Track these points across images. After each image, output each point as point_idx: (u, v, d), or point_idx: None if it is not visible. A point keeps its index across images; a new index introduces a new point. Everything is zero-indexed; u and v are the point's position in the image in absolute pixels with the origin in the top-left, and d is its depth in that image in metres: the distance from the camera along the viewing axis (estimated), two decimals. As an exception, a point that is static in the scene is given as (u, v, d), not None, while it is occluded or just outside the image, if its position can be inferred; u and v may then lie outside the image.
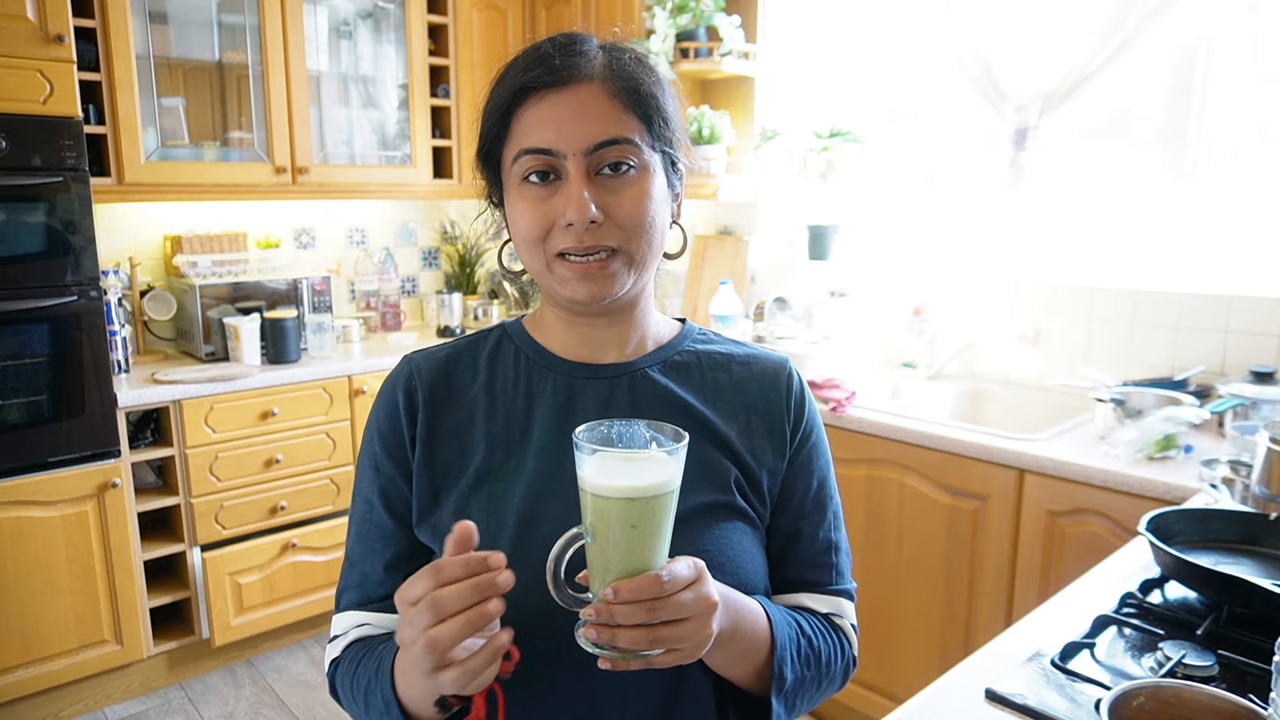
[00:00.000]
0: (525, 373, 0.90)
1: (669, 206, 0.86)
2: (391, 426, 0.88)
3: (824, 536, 0.92)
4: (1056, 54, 2.39)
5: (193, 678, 2.74)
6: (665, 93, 0.84)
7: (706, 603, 0.69)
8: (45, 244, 2.28)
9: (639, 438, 0.73)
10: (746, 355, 0.94)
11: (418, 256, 3.62)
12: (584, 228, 0.78)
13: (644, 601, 0.66)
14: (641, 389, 0.88)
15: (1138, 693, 0.76)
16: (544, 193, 0.80)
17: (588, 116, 0.79)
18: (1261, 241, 2.20)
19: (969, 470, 2.04)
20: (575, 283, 0.81)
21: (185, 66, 2.75)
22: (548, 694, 0.80)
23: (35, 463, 2.32)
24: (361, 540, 0.89)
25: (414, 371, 0.90)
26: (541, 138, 0.79)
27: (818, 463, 0.93)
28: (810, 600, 0.91)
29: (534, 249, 0.82)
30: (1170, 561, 1.14)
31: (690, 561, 0.70)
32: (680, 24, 2.88)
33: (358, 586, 0.89)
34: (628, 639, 0.67)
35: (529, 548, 0.78)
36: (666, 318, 0.96)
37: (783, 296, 2.81)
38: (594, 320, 0.88)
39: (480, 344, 0.93)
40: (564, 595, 0.69)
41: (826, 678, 0.88)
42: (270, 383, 2.67)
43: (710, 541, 0.83)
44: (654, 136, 0.82)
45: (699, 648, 0.70)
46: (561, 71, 0.79)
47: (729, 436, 0.88)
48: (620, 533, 0.67)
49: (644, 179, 0.81)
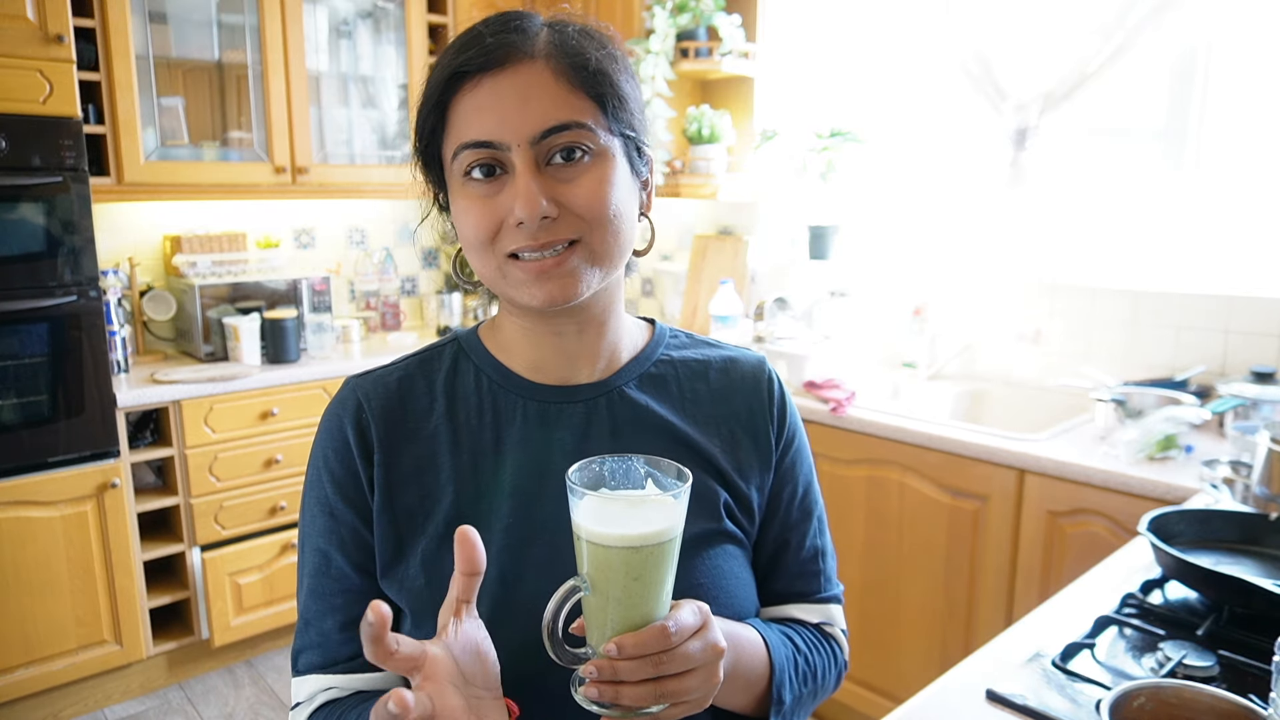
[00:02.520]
0: (490, 398, 0.81)
1: (636, 196, 0.77)
2: (344, 468, 0.79)
3: (810, 544, 0.89)
4: (1057, 53, 2.39)
5: (192, 678, 2.73)
6: (620, 69, 0.75)
7: (714, 651, 0.65)
8: (45, 244, 2.28)
9: (635, 475, 0.67)
10: (723, 360, 0.88)
11: (417, 256, 3.62)
12: (535, 225, 0.70)
13: (650, 655, 0.61)
14: (620, 411, 0.81)
15: (1138, 693, 0.76)
16: (489, 189, 0.72)
17: (531, 101, 0.70)
18: (1262, 241, 2.20)
19: (969, 470, 2.04)
20: (531, 285, 0.72)
21: (185, 66, 2.75)
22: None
23: (35, 463, 2.32)
24: (319, 597, 0.79)
25: (363, 401, 0.80)
26: (481, 128, 0.70)
27: (801, 468, 0.90)
28: (800, 611, 0.89)
29: (483, 253, 0.73)
30: (1171, 562, 1.14)
31: (695, 607, 0.65)
32: (680, 24, 2.88)
33: (318, 647, 0.79)
34: (632, 696, 0.61)
35: (514, 604, 0.71)
36: (635, 320, 0.88)
37: (783, 296, 2.81)
38: (561, 328, 0.79)
39: (434, 363, 0.84)
40: (562, 653, 0.63)
41: (822, 689, 0.87)
42: (270, 383, 2.66)
43: (704, 574, 0.78)
44: (610, 119, 0.73)
45: (707, 698, 0.66)
46: (496, 51, 0.70)
47: (714, 455, 0.82)
48: (622, 583, 0.61)
49: (602, 164, 0.72)
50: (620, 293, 0.83)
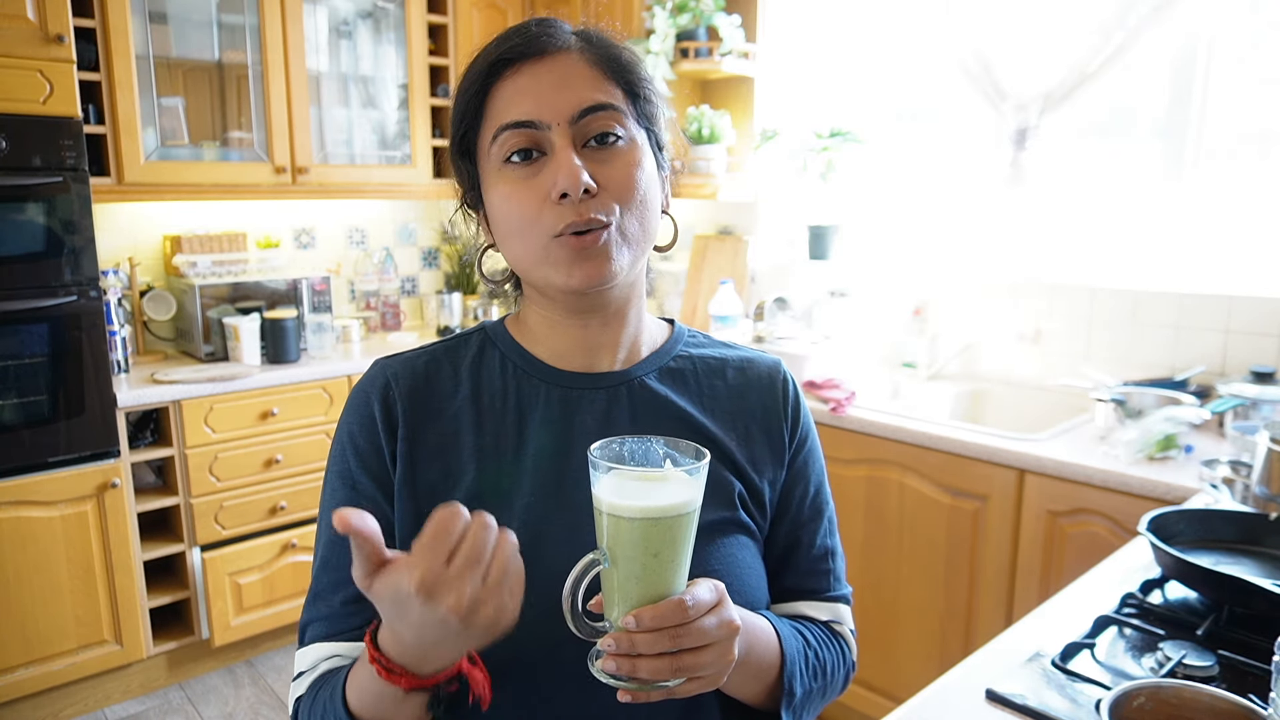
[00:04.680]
0: (514, 383, 0.83)
1: (659, 189, 0.81)
2: (369, 440, 0.80)
3: (821, 543, 0.91)
4: (1057, 53, 2.39)
5: (192, 678, 2.73)
6: (645, 68, 0.81)
7: (729, 628, 0.66)
8: (45, 244, 2.28)
9: (654, 456, 0.69)
10: (740, 359, 0.91)
11: (417, 256, 3.62)
12: (578, 197, 0.72)
13: (667, 629, 0.63)
14: (640, 399, 0.84)
15: (1138, 693, 0.76)
16: (528, 171, 0.74)
17: (569, 84, 0.74)
18: (1261, 241, 2.20)
19: (969, 470, 2.04)
20: (571, 265, 0.74)
21: (185, 66, 2.75)
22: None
23: (35, 463, 2.32)
24: (332, 568, 0.80)
25: (391, 380, 0.82)
26: (521, 109, 0.74)
27: (814, 468, 0.91)
28: (809, 608, 0.90)
29: (526, 235, 0.75)
30: (1170, 561, 1.14)
31: (711, 584, 0.67)
32: (680, 24, 2.88)
33: (325, 620, 0.80)
34: (649, 669, 0.63)
35: (531, 577, 0.71)
36: (655, 319, 0.91)
37: (783, 296, 2.81)
38: (587, 320, 0.82)
39: (460, 350, 0.86)
40: (581, 626, 0.65)
41: (831, 687, 0.87)
42: (270, 383, 2.66)
43: (718, 560, 0.80)
44: (639, 111, 0.78)
45: (721, 674, 0.67)
46: (539, 39, 0.76)
47: (730, 448, 0.85)
48: (641, 557, 0.63)
49: (633, 150, 0.76)
50: (642, 288, 0.86)
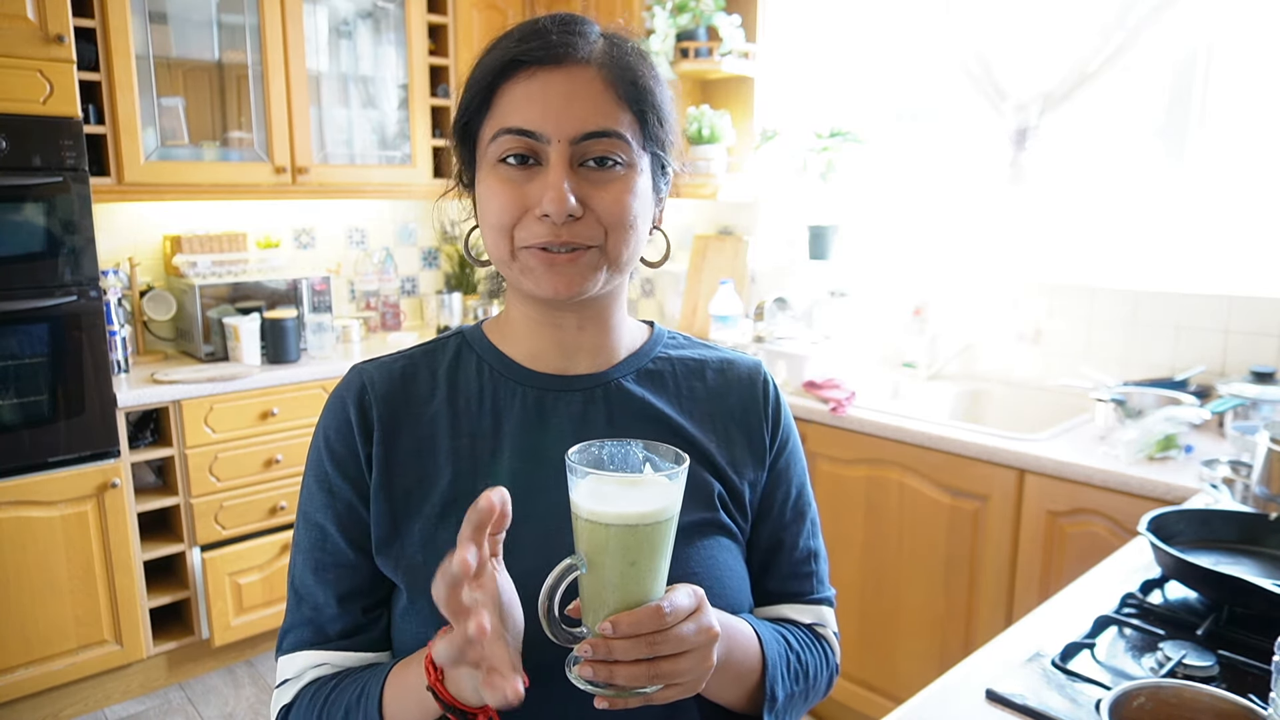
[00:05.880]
0: (490, 385, 0.83)
1: (651, 210, 0.80)
2: (345, 445, 0.80)
3: (804, 545, 0.90)
4: (1057, 54, 2.39)
5: (192, 678, 2.73)
6: (664, 91, 0.79)
7: (708, 634, 0.65)
8: (45, 244, 2.28)
9: (633, 460, 0.68)
10: (720, 361, 0.90)
11: (417, 256, 3.62)
12: (560, 221, 0.71)
13: (644, 635, 0.62)
14: (617, 402, 0.83)
15: (1138, 693, 0.76)
16: (520, 176, 0.74)
17: (579, 102, 0.72)
18: (1261, 241, 2.20)
19: (969, 470, 2.04)
20: (541, 274, 0.74)
21: (185, 66, 2.75)
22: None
23: (35, 463, 2.32)
24: (313, 571, 0.80)
25: (367, 384, 0.82)
26: (525, 117, 0.72)
27: (795, 469, 0.91)
28: (792, 612, 0.89)
29: (500, 236, 0.75)
30: (1170, 561, 1.14)
31: (690, 590, 0.66)
32: (680, 24, 2.88)
33: (309, 624, 0.80)
34: (626, 675, 0.62)
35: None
36: (634, 321, 0.90)
37: (783, 296, 2.81)
38: (563, 321, 0.81)
39: (437, 354, 0.86)
40: (558, 632, 0.64)
41: (813, 690, 0.87)
42: (270, 383, 2.66)
43: (698, 563, 0.79)
44: (646, 136, 0.76)
45: (699, 681, 0.66)
46: (558, 48, 0.73)
47: (709, 449, 0.84)
48: (618, 563, 0.62)
49: (630, 177, 0.75)
50: (624, 294, 0.85)
